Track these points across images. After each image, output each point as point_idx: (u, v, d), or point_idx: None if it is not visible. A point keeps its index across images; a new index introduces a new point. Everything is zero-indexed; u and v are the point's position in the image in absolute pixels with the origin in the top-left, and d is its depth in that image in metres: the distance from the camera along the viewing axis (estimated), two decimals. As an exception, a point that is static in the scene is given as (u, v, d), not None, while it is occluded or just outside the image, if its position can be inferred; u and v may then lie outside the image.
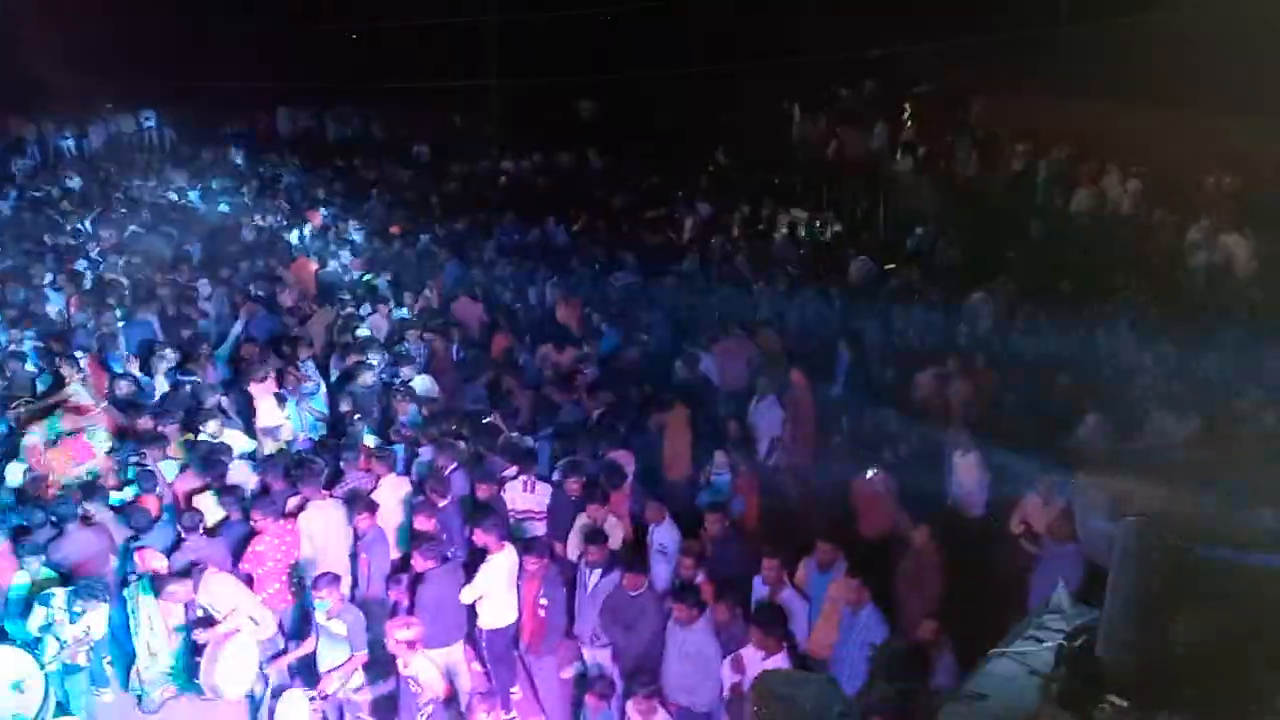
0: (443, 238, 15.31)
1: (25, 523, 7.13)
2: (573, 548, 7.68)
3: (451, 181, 19.50)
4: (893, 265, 13.37)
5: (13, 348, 10.15)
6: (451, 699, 6.13)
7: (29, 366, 9.76)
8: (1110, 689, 2.41)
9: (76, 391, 9.00)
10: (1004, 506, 7.74)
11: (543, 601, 6.98)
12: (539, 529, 7.98)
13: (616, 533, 7.58)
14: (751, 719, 4.30)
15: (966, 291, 11.44)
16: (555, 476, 8.28)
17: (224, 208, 17.30)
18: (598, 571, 7.08)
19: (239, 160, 20.61)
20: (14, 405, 8.86)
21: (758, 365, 10.02)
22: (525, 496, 8.09)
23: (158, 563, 6.92)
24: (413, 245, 14.97)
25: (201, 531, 7.23)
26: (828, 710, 3.07)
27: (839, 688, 3.37)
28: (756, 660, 5.96)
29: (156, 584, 6.82)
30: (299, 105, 23.87)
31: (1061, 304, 10.82)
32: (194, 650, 6.82)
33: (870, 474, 7.97)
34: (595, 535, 7.18)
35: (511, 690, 7.47)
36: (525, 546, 7.19)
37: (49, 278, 12.57)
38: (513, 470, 8.19)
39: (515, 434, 8.87)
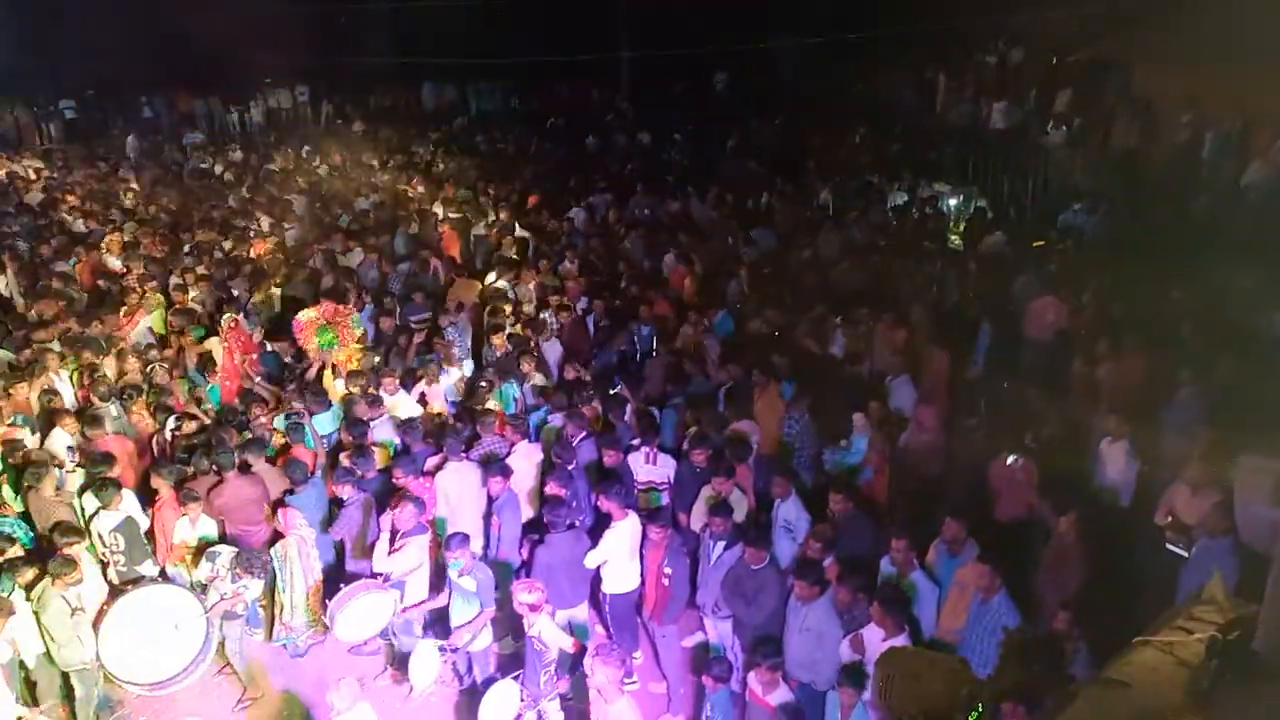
0: (580, 209, 15.53)
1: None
2: (697, 519, 7.72)
3: (587, 153, 19.72)
4: (1041, 242, 12.69)
5: None
6: (573, 658, 6.30)
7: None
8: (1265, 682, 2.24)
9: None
10: (1152, 497, 7.30)
11: (666, 570, 7.06)
12: (666, 499, 8.08)
13: (741, 506, 7.57)
14: (876, 696, 4.24)
15: (1121, 270, 10.73)
16: (683, 447, 8.34)
17: (374, 179, 18.11)
18: (721, 544, 7.09)
19: (387, 133, 21.43)
20: None
21: (894, 343, 9.74)
22: (647, 468, 8.18)
23: (301, 523, 7.37)
24: (552, 216, 15.26)
25: (351, 488, 7.64)
26: (957, 692, 2.99)
27: (970, 670, 3.28)
28: (876, 640, 5.86)
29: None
30: (442, 80, 24.61)
31: (1229, 283, 10.01)
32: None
33: (1010, 458, 7.66)
34: (720, 507, 7.19)
35: (634, 655, 7.63)
36: (649, 516, 7.30)
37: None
38: (636, 440, 8.30)
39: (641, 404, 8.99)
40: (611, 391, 9.20)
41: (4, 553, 6.77)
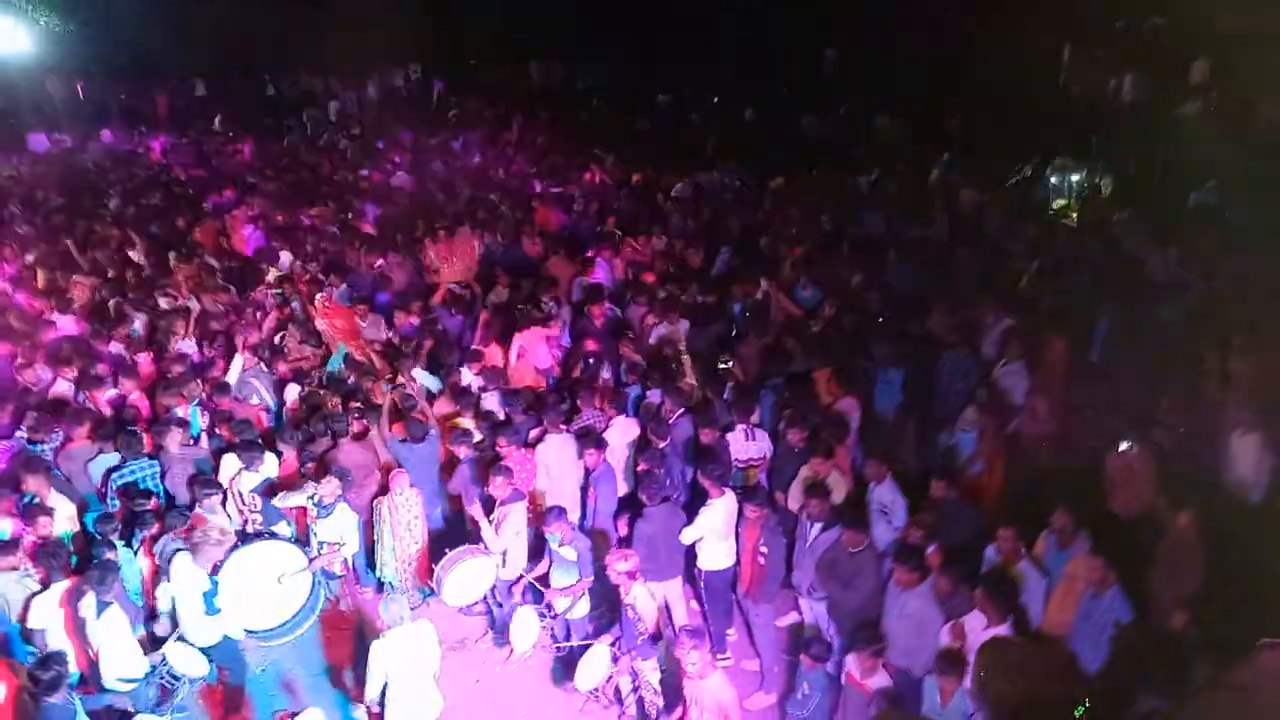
0: (685, 185, 15.47)
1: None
2: (794, 499, 7.66)
3: (691, 130, 19.60)
4: (1172, 222, 11.96)
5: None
6: (663, 632, 6.37)
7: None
8: None
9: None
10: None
11: (762, 549, 7.03)
12: (764, 478, 8.04)
13: (839, 487, 7.47)
14: (976, 685, 4.14)
15: (1258, 254, 10.03)
16: (779, 427, 8.27)
17: (476, 157, 18.47)
18: (818, 525, 7.02)
19: (496, 110, 21.77)
20: None
21: (1006, 328, 9.38)
22: (746, 445, 8.14)
23: (405, 484, 7.65)
24: (658, 191, 15.25)
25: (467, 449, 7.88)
26: (1060, 687, 2.88)
27: (1076, 665, 3.15)
28: (978, 628, 5.72)
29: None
30: (549, 58, 24.81)
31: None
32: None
33: (1126, 448, 7.30)
34: (817, 489, 7.12)
35: (728, 632, 7.65)
36: (746, 494, 7.27)
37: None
38: (738, 418, 8.26)
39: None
40: (718, 367, 9.16)
41: (142, 508, 7.23)
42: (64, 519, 7.19)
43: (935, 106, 17.53)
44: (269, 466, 7.81)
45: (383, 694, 6.09)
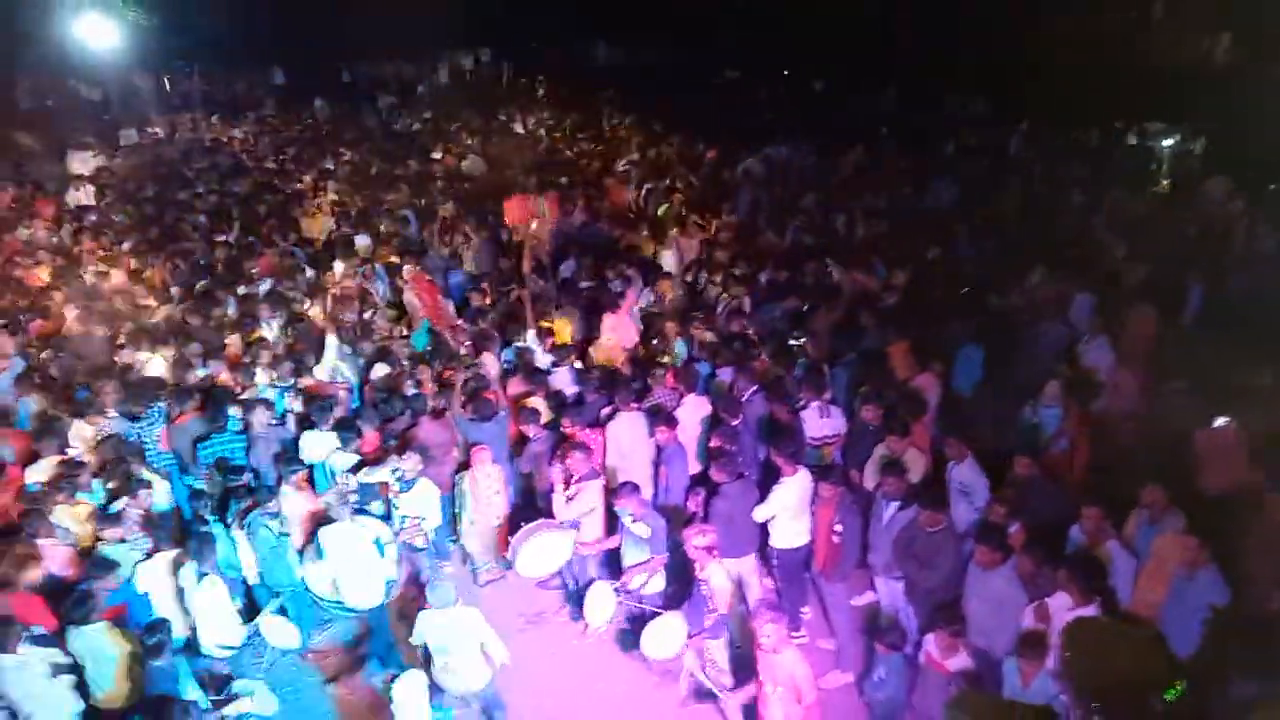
0: (756, 161, 15.30)
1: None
2: (869, 477, 7.57)
3: (760, 105, 19.36)
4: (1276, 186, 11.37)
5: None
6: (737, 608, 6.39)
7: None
8: None
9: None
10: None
11: (837, 528, 6.97)
12: (838, 455, 7.97)
13: (917, 465, 7.36)
14: (1061, 666, 4.04)
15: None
16: (854, 404, 8.18)
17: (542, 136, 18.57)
18: (894, 504, 6.93)
19: (564, 92, 21.83)
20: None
21: (1091, 302, 9.08)
22: (821, 422, 8.07)
23: (486, 456, 7.78)
24: (726, 169, 15.14)
25: (536, 428, 8.02)
26: (1149, 670, 2.80)
27: (1166, 648, 3.06)
28: (1063, 610, 5.58)
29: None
30: (616, 41, 24.75)
31: None
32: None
33: (1219, 423, 7.01)
34: (893, 467, 7.02)
35: (802, 610, 7.62)
36: (820, 472, 7.20)
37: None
38: (808, 395, 8.19)
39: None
40: (790, 344, 9.10)
41: (235, 483, 7.52)
42: (161, 493, 7.51)
43: (1013, 75, 16.96)
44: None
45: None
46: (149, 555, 6.76)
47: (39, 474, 7.53)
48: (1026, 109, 15.73)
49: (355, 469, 7.72)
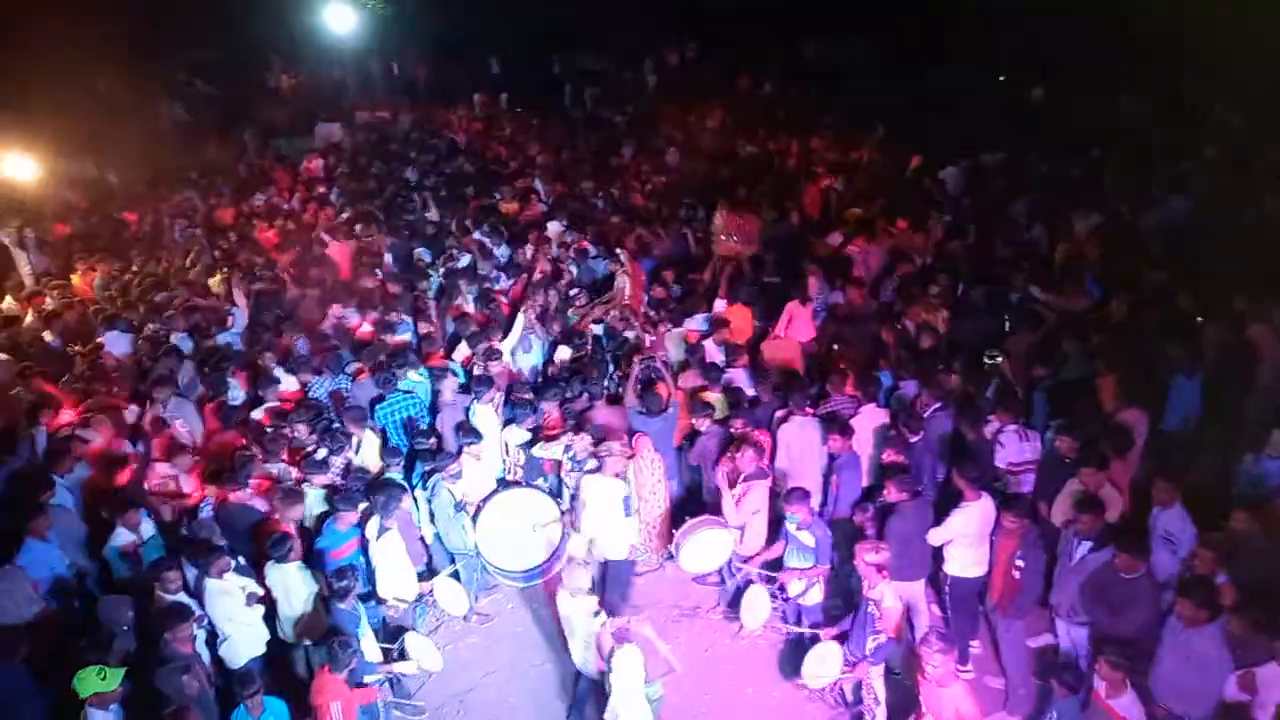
0: (956, 168, 14.59)
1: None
2: (1058, 512, 7.06)
3: (964, 110, 18.34)
4: None
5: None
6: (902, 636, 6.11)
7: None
8: None
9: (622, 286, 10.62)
10: None
11: (1018, 563, 6.53)
12: (1027, 484, 7.47)
13: (1115, 504, 6.79)
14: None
15: None
16: (1048, 433, 7.64)
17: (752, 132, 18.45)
18: (1087, 544, 6.41)
19: (767, 88, 21.63)
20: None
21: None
22: (1021, 447, 7.59)
23: (648, 444, 7.82)
24: (929, 175, 14.52)
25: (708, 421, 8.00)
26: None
27: None
28: (1275, 683, 4.98)
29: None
30: (822, 35, 24.14)
31: None
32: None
33: None
34: (1090, 503, 6.49)
35: (971, 644, 7.21)
36: (1005, 501, 6.76)
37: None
38: (999, 421, 7.71)
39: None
40: (987, 362, 8.62)
41: (422, 446, 7.96)
42: (371, 450, 8.00)
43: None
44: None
45: None
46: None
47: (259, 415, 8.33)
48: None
49: (530, 444, 7.98)
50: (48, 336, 10.49)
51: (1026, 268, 10.29)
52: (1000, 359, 8.65)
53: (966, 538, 6.78)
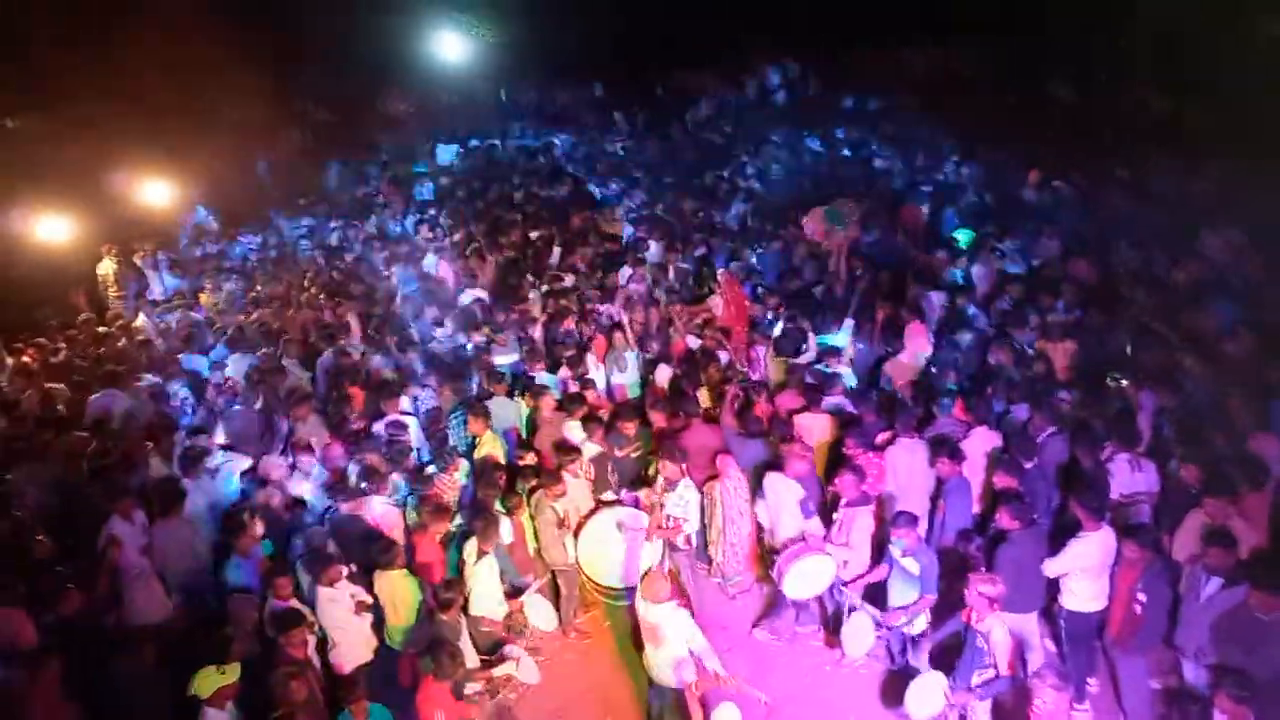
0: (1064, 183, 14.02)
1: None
2: (1181, 545, 6.64)
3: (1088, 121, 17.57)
4: None
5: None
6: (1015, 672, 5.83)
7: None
8: None
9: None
10: None
11: (1140, 596, 6.18)
12: (1141, 517, 7.08)
13: (1247, 538, 6.34)
14: None
15: None
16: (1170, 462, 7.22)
17: (847, 153, 18.22)
18: (1218, 580, 6.02)
19: (873, 105, 21.32)
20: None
21: None
22: (1132, 477, 7.21)
23: (734, 472, 7.70)
24: (1045, 192, 13.98)
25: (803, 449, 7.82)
26: None
27: None
28: None
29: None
30: (923, 44, 23.52)
31: None
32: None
33: None
34: (1220, 537, 6.10)
35: (1088, 681, 6.84)
36: (1127, 532, 6.42)
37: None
38: (1112, 448, 7.35)
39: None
40: (1110, 384, 8.24)
41: (524, 460, 8.12)
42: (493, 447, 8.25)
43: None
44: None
45: None
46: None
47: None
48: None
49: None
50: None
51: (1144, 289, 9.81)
52: (1124, 382, 8.24)
53: (1086, 570, 6.46)
